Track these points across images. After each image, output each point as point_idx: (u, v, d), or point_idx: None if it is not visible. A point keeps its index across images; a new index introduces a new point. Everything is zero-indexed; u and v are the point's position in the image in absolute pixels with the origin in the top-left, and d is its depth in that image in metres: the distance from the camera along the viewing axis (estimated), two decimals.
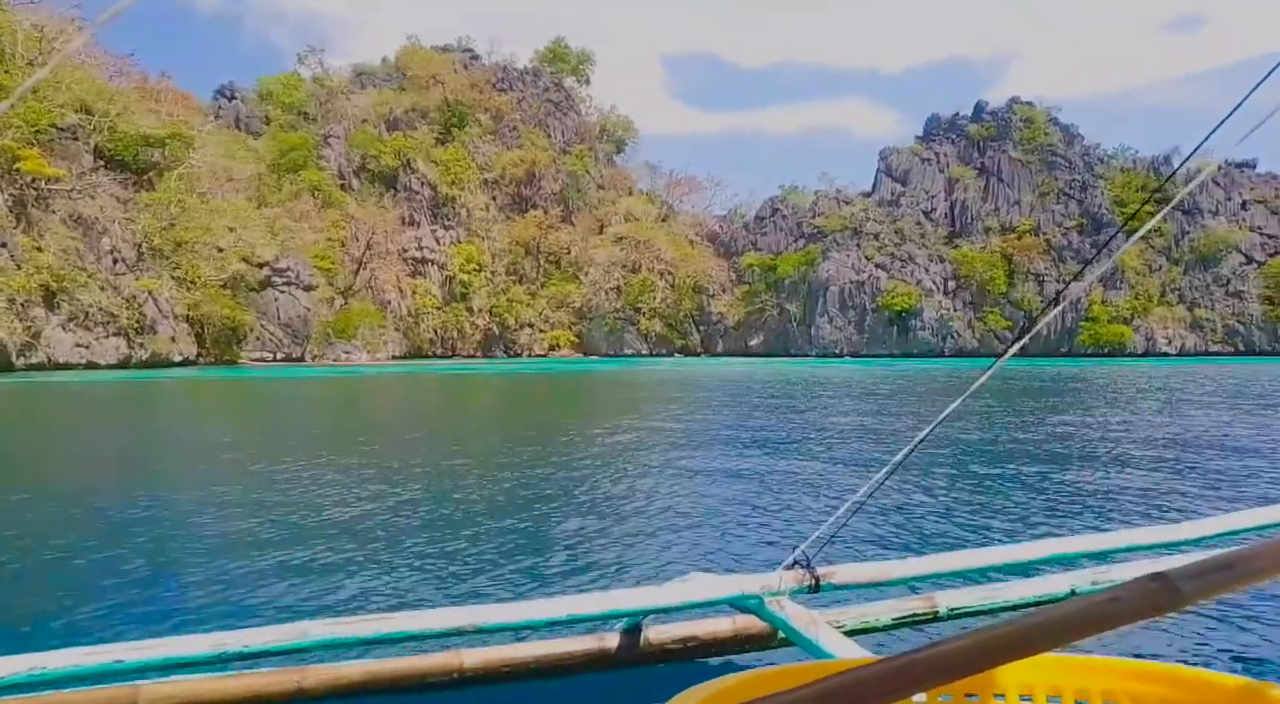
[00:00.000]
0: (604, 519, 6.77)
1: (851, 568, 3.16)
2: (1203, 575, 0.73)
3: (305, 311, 68.60)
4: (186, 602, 4.61)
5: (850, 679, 0.69)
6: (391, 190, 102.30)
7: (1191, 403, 19.77)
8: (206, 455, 11.96)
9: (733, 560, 5.37)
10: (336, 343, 71.60)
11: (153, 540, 6.24)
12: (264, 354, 65.28)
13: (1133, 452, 10.88)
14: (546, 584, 4.90)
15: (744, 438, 12.95)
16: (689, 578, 3.06)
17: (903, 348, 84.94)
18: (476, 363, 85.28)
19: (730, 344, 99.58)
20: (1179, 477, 8.78)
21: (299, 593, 4.76)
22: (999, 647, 0.71)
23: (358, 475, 9.23)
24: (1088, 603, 0.73)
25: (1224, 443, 11.76)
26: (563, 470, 9.52)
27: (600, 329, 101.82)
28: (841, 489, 8.00)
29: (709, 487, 8.38)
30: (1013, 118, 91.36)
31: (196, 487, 8.95)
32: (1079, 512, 6.90)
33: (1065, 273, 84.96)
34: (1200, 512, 6.60)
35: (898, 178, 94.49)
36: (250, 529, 6.51)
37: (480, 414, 21.21)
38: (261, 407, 24.38)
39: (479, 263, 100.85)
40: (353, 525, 6.60)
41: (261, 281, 65.93)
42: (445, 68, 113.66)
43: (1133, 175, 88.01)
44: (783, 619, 2.84)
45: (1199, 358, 77.19)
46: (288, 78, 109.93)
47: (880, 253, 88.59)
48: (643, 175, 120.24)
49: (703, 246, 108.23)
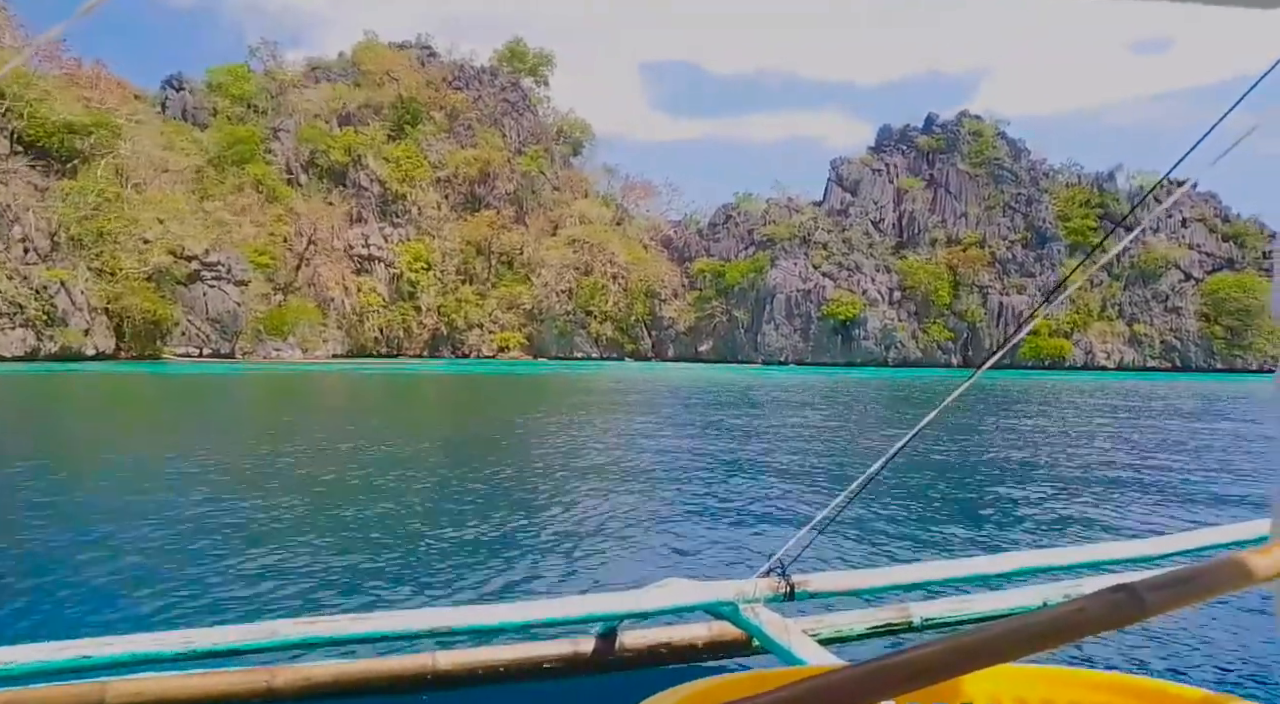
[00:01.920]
0: (574, 528, 6.63)
1: (826, 576, 3.18)
2: (1165, 588, 0.75)
3: (235, 307, 67.07)
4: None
5: (821, 684, 0.69)
6: (340, 186, 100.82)
7: (1149, 416, 19.90)
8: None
9: (705, 569, 5.35)
10: (268, 340, 69.98)
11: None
12: (190, 349, 63.69)
13: (1096, 466, 10.96)
14: (515, 592, 4.80)
15: (707, 447, 12.71)
16: (665, 583, 3.04)
17: (847, 357, 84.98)
18: (420, 363, 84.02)
19: (681, 349, 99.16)
20: (1146, 492, 8.87)
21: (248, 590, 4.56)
22: (969, 654, 0.72)
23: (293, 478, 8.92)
24: (1056, 613, 0.73)
25: (1188, 461, 11.84)
26: (529, 477, 9.26)
27: (551, 331, 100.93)
28: (814, 500, 7.97)
29: (679, 497, 8.24)
30: (961, 131, 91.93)
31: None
32: (1050, 523, 7.02)
33: (1009, 285, 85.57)
34: (1166, 528, 6.71)
35: (848, 187, 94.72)
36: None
37: (420, 417, 20.51)
38: (147, 404, 23.42)
39: (427, 261, 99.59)
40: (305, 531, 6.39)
41: (190, 275, 64.33)
42: (401, 64, 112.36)
43: (1077, 190, 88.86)
44: (757, 626, 2.86)
45: (1136, 373, 77.98)
46: (237, 69, 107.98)
47: (828, 261, 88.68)
48: (600, 178, 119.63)
49: (657, 251, 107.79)
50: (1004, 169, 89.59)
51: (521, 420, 17.48)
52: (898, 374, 64.57)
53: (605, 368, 70.64)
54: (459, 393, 30.81)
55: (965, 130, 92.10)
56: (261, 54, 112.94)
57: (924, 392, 34.66)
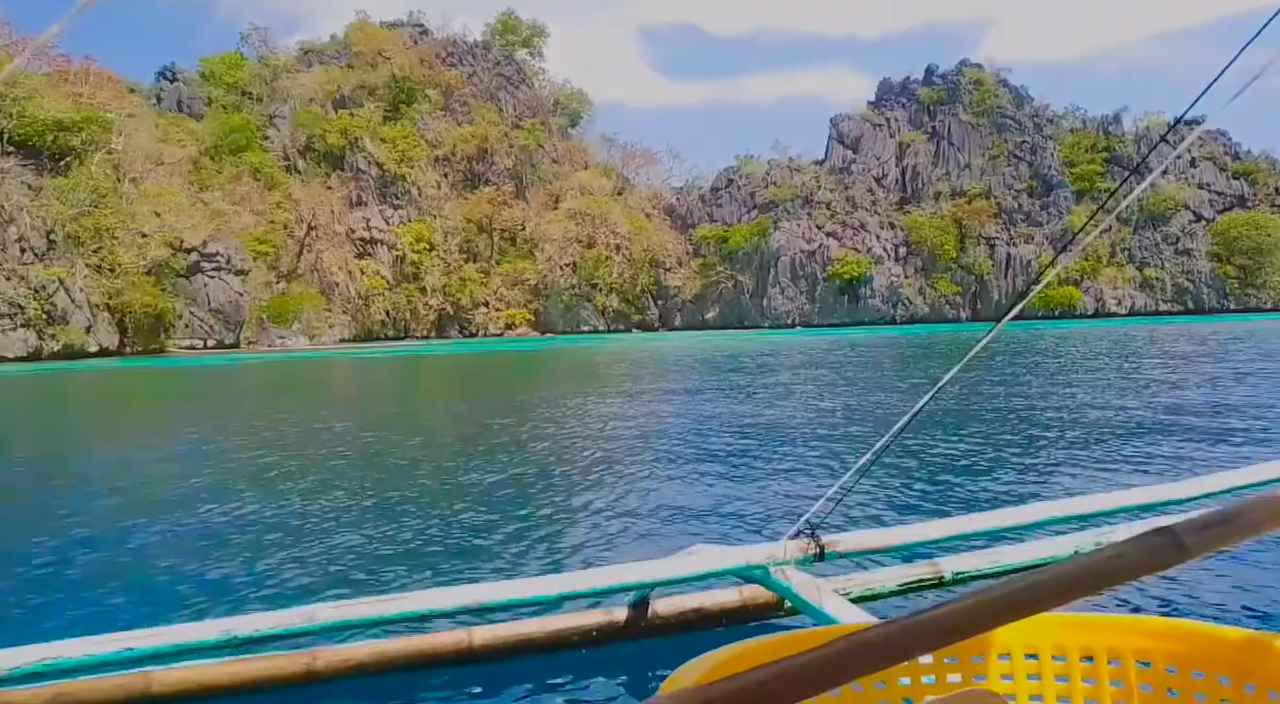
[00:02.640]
0: (604, 497, 6.65)
1: (855, 536, 3.18)
2: (1204, 529, 0.74)
3: (238, 297, 67.25)
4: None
5: (857, 641, 0.69)
6: (338, 170, 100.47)
7: (1173, 361, 19.46)
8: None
9: (737, 532, 5.34)
10: (271, 328, 70.19)
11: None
12: (194, 342, 64.01)
13: (1121, 411, 10.85)
14: (552, 564, 4.80)
15: (727, 412, 12.57)
16: (695, 550, 3.06)
17: (854, 317, 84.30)
18: (429, 343, 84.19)
19: (688, 318, 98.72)
20: (1171, 435, 8.71)
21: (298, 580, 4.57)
22: (1004, 606, 0.71)
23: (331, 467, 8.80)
24: (1092, 560, 0.73)
25: (1215, 401, 11.61)
26: (559, 452, 9.25)
27: (556, 306, 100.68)
28: (839, 459, 7.89)
29: (706, 462, 8.16)
30: (962, 81, 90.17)
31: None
32: (1078, 472, 6.85)
33: (1016, 235, 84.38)
34: (1198, 470, 6.49)
35: (849, 145, 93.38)
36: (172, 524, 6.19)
37: (437, 397, 20.40)
38: (171, 398, 23.50)
39: (430, 242, 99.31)
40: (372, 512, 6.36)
41: (190, 267, 64.47)
42: (394, 43, 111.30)
43: (1082, 135, 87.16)
44: (788, 588, 2.87)
45: (1149, 317, 76.80)
46: (230, 57, 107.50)
47: (831, 221, 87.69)
48: (599, 148, 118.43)
49: (660, 220, 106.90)
50: (1007, 117, 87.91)
51: (535, 398, 17.27)
52: (910, 331, 63.93)
53: (606, 341, 70.36)
54: (469, 373, 30.56)
55: (966, 80, 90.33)
56: (253, 40, 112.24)
57: (944, 345, 34.15)
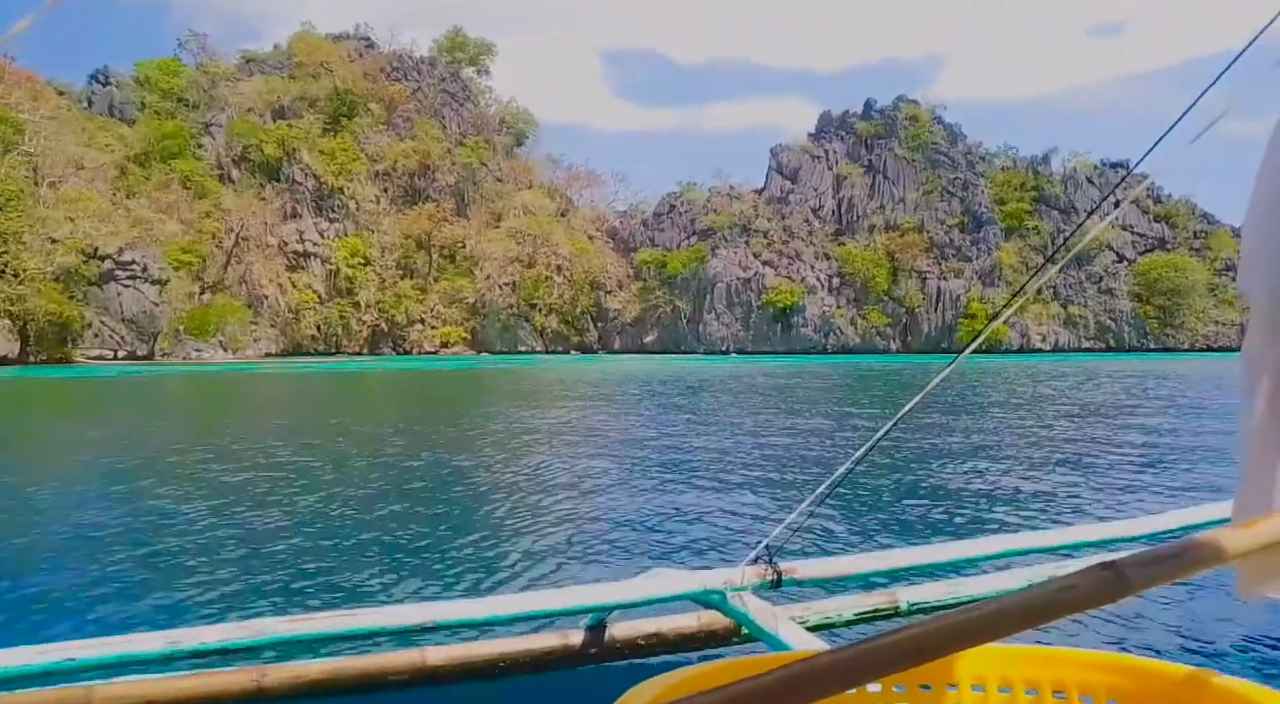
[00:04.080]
0: (559, 523, 6.62)
1: (813, 563, 3.20)
2: (1149, 565, 0.76)
3: (153, 306, 65.04)
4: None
5: (807, 667, 0.69)
6: (274, 181, 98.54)
7: (1106, 402, 19.90)
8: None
9: (694, 558, 5.42)
10: (187, 340, 68.01)
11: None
12: (104, 352, 61.69)
13: (1066, 446, 11.15)
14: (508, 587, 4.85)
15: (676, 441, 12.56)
16: (653, 573, 3.07)
17: (786, 345, 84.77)
18: (359, 361, 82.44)
19: (627, 341, 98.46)
20: (1114, 473, 8.93)
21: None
22: (955, 634, 0.72)
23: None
24: (1044, 591, 0.74)
25: (1157, 442, 11.93)
26: (504, 472, 9.21)
27: (494, 325, 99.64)
28: (790, 488, 8.03)
29: (661, 489, 8.18)
30: (899, 116, 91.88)
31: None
32: (1035, 505, 7.09)
33: (947, 269, 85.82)
34: (1151, 509, 6.74)
35: (788, 175, 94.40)
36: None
37: (369, 417, 19.62)
38: (58, 410, 22.11)
39: (365, 256, 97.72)
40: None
41: (103, 275, 62.24)
42: (337, 55, 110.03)
43: (1012, 174, 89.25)
44: (745, 614, 2.87)
45: (1071, 354, 78.50)
46: (167, 63, 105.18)
47: (768, 249, 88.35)
48: (545, 168, 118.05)
49: (602, 242, 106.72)
50: (941, 153, 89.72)
51: (469, 421, 16.87)
52: (841, 360, 64.34)
53: (542, 363, 69.54)
54: (405, 392, 29.70)
55: (903, 115, 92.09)
56: (192, 47, 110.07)
57: (880, 376, 34.47)
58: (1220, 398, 19.89)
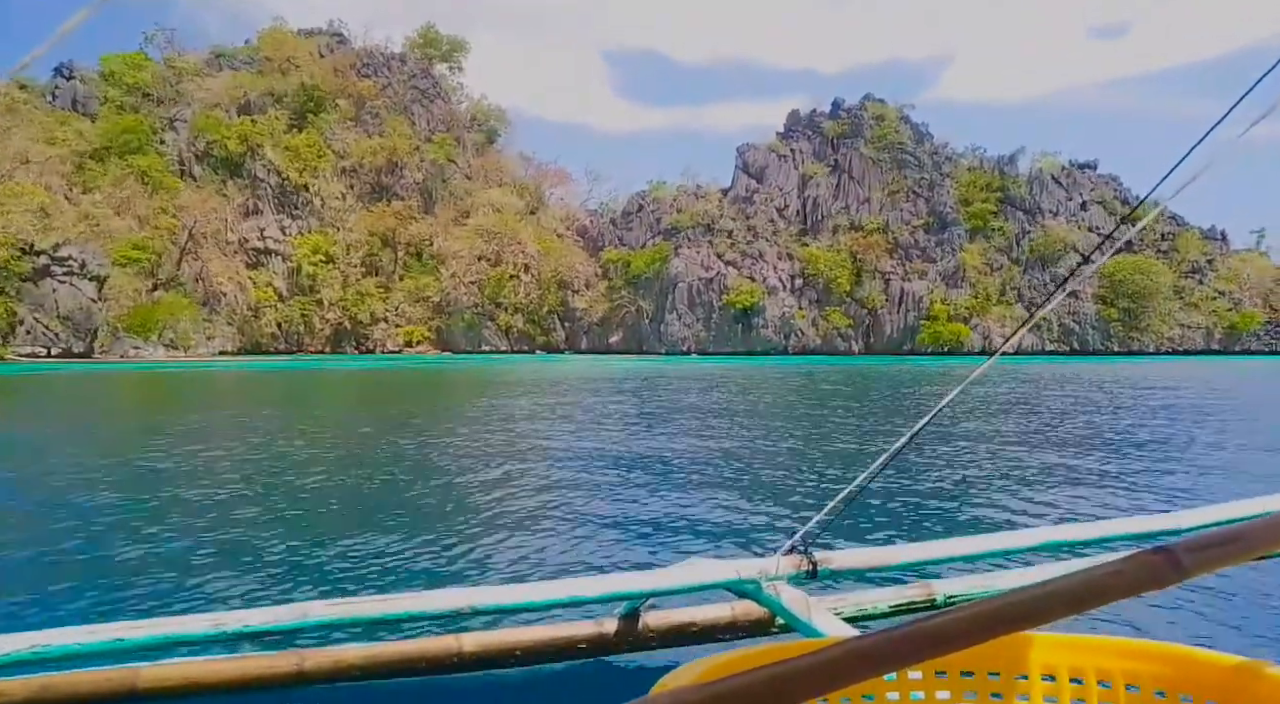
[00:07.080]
0: (589, 516, 6.56)
1: (849, 553, 3.16)
2: (1205, 548, 0.73)
3: (90, 303, 63.97)
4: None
5: (845, 650, 0.67)
6: (236, 178, 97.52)
7: (1106, 403, 19.77)
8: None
9: (729, 549, 5.37)
10: (125, 338, 66.91)
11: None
12: (36, 349, 60.64)
13: (1121, 439, 11.07)
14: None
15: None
16: (688, 562, 3.05)
17: (748, 346, 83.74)
18: (297, 358, 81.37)
19: (593, 341, 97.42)
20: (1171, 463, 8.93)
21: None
22: (999, 618, 0.70)
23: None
24: (1089, 576, 0.72)
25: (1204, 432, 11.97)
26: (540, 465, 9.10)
27: (459, 324, 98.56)
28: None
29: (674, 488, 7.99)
30: (865, 116, 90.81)
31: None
32: (1071, 500, 6.93)
33: (910, 270, 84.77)
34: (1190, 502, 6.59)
35: (754, 174, 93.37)
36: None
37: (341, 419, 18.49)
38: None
39: (328, 254, 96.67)
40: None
41: (37, 270, 61.20)
42: (305, 51, 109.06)
43: (978, 174, 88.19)
44: (779, 603, 2.85)
45: (1035, 357, 77.40)
46: (133, 57, 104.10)
47: (732, 249, 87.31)
48: (518, 166, 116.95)
49: (572, 240, 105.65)
50: (907, 153, 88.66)
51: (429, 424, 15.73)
52: (802, 361, 63.23)
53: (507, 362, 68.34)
54: (368, 394, 28.10)
55: (869, 115, 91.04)
56: (158, 42, 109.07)
57: (837, 376, 33.66)
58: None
